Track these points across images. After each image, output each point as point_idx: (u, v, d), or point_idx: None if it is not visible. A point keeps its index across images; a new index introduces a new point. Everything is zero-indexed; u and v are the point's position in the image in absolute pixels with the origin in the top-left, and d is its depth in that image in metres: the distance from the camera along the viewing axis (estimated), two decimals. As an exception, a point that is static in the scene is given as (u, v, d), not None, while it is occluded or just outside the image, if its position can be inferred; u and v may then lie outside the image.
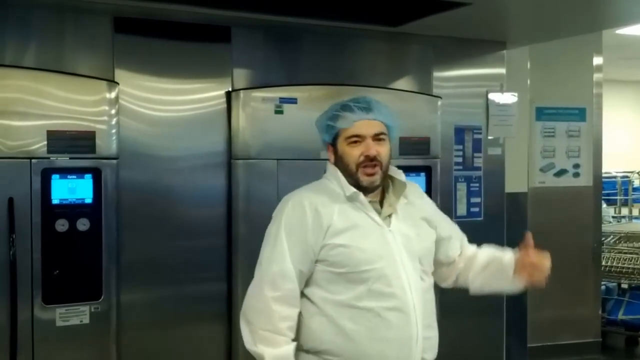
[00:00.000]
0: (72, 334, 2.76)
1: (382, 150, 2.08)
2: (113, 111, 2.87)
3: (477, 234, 3.75)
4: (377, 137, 2.08)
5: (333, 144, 2.11)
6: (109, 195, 2.84)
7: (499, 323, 3.91)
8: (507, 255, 2.28)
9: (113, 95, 2.89)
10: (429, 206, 2.28)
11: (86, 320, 2.78)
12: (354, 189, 2.06)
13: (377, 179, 2.08)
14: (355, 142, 2.07)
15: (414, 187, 2.25)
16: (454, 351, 3.68)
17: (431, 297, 2.15)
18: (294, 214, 2.03)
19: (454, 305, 3.68)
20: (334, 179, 2.11)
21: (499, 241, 3.83)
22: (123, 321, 2.91)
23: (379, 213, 2.09)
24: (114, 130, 2.87)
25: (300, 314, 2.02)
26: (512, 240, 3.90)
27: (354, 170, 2.06)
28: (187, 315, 3.10)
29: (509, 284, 2.27)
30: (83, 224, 2.79)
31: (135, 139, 3.01)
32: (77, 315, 2.77)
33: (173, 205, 3.08)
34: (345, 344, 1.98)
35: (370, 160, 2.06)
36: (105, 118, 2.85)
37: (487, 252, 2.34)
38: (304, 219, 2.01)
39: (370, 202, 2.09)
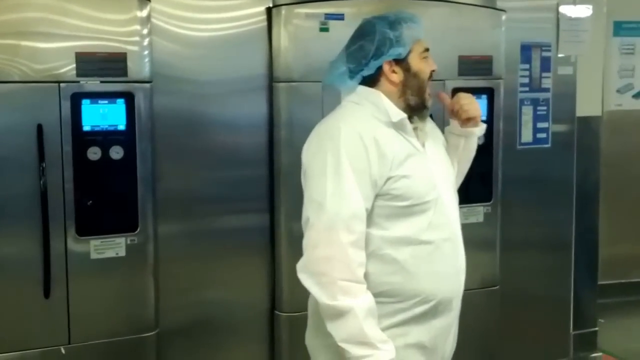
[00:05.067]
0: (108, 267, 2.64)
1: None
2: (145, 31, 2.66)
3: (544, 162, 3.52)
4: None
5: (402, 60, 1.89)
6: (142, 122, 2.66)
7: (567, 258, 3.64)
8: (446, 130, 2.15)
9: (144, 13, 2.67)
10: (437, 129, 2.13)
11: (122, 252, 2.65)
12: (403, 115, 1.86)
13: None
14: (426, 57, 1.92)
15: None
16: (519, 287, 3.49)
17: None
18: (353, 144, 1.79)
19: (520, 239, 3.46)
20: (371, 104, 1.89)
21: (568, 170, 3.58)
22: (161, 254, 2.78)
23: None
24: (146, 52, 2.66)
25: None
26: (583, 170, 3.64)
27: (425, 89, 1.91)
28: (228, 248, 2.95)
29: (466, 142, 2.12)
30: (116, 152, 2.63)
31: (169, 61, 2.80)
32: (112, 247, 2.64)
33: (210, 132, 2.89)
34: (404, 282, 1.83)
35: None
36: (137, 38, 2.64)
37: None
38: (364, 149, 1.79)
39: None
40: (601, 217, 3.83)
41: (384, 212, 1.82)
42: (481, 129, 2.11)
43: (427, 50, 1.93)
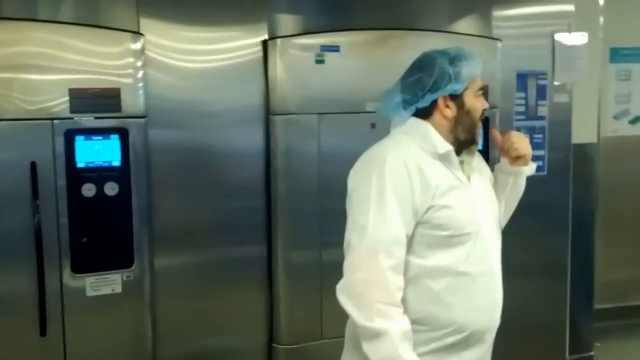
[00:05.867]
0: (103, 304, 2.63)
1: None
2: (139, 63, 2.66)
3: (540, 190, 3.48)
4: None
5: (457, 96, 1.91)
6: (137, 157, 2.66)
7: (563, 284, 3.63)
8: (496, 167, 2.18)
9: (138, 46, 2.67)
10: (484, 163, 2.15)
11: (118, 289, 2.65)
12: (450, 147, 1.89)
13: None
14: (480, 95, 1.95)
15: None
16: (514, 313, 3.45)
17: None
18: (398, 172, 1.82)
19: (515, 264, 3.42)
20: (419, 135, 1.91)
21: (564, 197, 3.58)
22: (157, 289, 2.77)
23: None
24: (140, 84, 2.67)
25: None
26: (579, 196, 3.64)
27: (476, 126, 1.94)
28: (225, 280, 2.93)
29: (514, 180, 2.15)
30: (111, 188, 2.63)
31: (164, 94, 2.78)
32: (108, 284, 2.63)
33: (207, 165, 2.87)
34: (439, 312, 1.86)
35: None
36: (131, 71, 2.64)
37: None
38: (408, 177, 1.82)
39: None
40: (598, 241, 3.82)
41: (424, 241, 1.85)
42: (530, 168, 2.14)
43: (482, 89, 1.96)
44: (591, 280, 3.79)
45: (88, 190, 2.59)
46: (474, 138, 1.95)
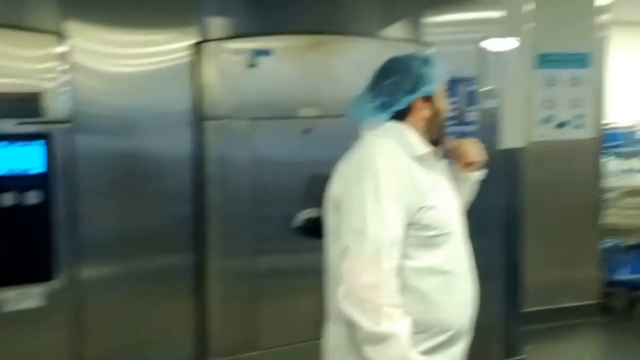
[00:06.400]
0: (24, 319, 2.50)
1: None
2: (63, 68, 2.55)
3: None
4: None
5: (429, 97, 1.95)
6: (62, 164, 2.55)
7: (495, 287, 3.67)
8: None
9: (63, 49, 2.55)
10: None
11: (39, 302, 2.52)
12: (428, 149, 1.92)
13: None
14: (445, 97, 2.00)
15: None
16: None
17: None
18: (389, 174, 1.83)
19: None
20: (397, 137, 1.92)
21: (493, 201, 3.62)
22: (83, 301, 2.65)
23: None
24: (64, 89, 2.55)
25: None
26: (508, 200, 3.70)
27: (444, 126, 2.00)
28: (154, 290, 2.82)
29: (465, 183, 2.20)
30: (32, 197, 2.50)
31: (91, 99, 2.66)
32: (28, 298, 2.50)
33: (135, 171, 2.76)
34: (427, 312, 1.88)
35: None
36: (55, 75, 2.53)
37: None
38: (399, 177, 1.84)
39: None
40: (527, 245, 3.89)
41: (415, 242, 1.86)
42: (480, 174, 2.20)
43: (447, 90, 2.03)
44: (520, 282, 3.85)
45: (7, 199, 2.46)
46: (441, 139, 2.01)
